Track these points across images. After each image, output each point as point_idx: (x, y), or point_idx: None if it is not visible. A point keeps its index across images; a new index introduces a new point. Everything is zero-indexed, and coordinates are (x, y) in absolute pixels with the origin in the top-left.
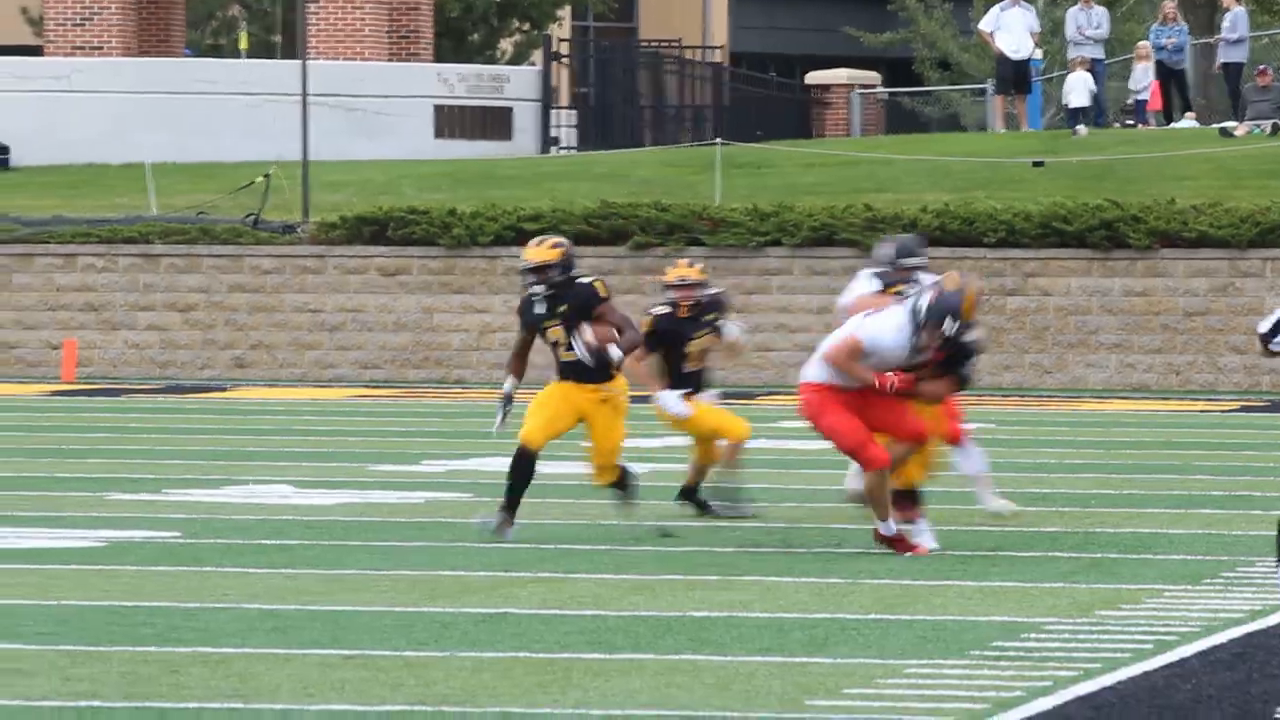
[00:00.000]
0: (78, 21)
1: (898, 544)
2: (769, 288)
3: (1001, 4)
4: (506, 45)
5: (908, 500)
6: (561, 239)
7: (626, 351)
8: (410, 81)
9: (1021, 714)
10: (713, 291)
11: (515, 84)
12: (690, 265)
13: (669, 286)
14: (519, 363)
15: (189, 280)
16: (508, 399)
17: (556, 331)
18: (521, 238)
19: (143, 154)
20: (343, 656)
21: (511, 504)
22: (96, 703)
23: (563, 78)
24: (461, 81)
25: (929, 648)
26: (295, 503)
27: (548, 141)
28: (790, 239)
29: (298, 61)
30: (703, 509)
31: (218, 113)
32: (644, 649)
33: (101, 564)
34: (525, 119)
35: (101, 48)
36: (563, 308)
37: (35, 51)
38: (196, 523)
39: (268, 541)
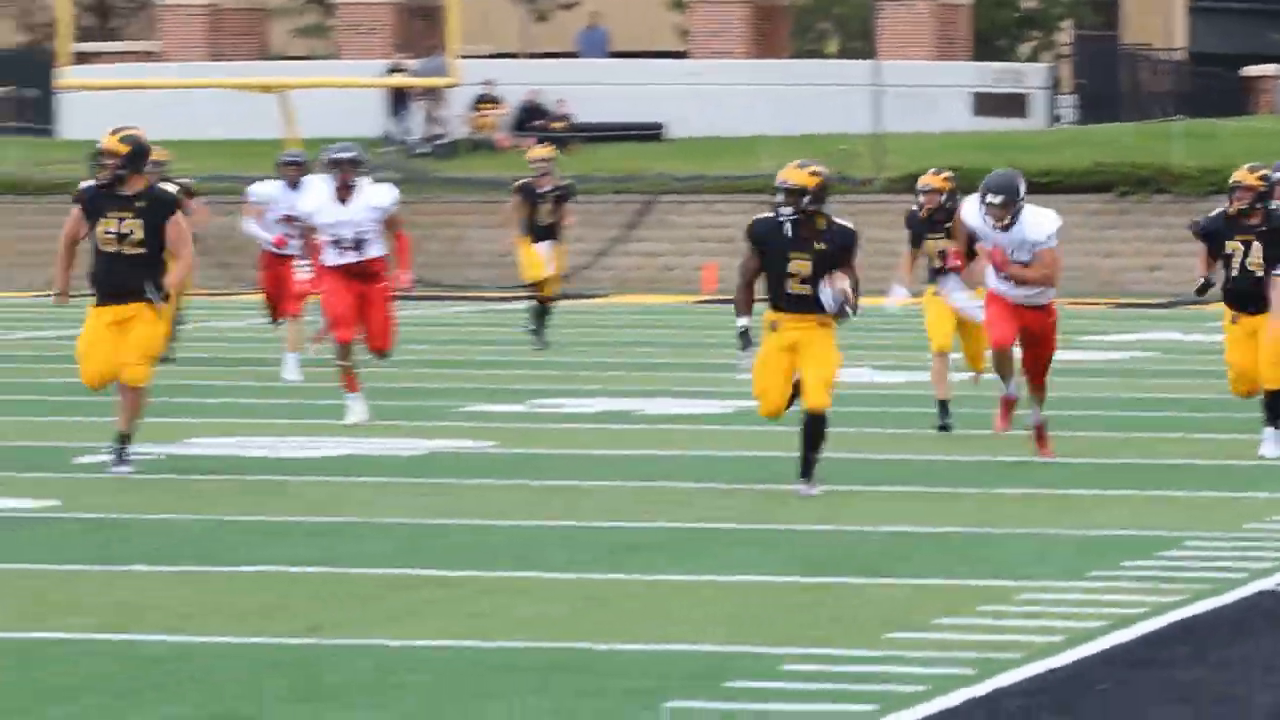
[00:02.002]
0: (715, 32)
1: None
2: None
3: None
4: (1024, 48)
5: None
6: (821, 167)
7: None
8: (954, 74)
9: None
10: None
11: (1030, 77)
12: (937, 174)
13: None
14: (749, 294)
15: None
16: (746, 336)
17: (802, 265)
18: (1038, 190)
19: (758, 129)
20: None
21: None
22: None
23: (1064, 71)
24: (991, 74)
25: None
26: None
27: (1053, 119)
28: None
29: (872, 61)
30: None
31: (814, 98)
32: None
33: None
34: (1037, 102)
35: (730, 51)
36: (820, 245)
37: (682, 55)
38: None
39: None
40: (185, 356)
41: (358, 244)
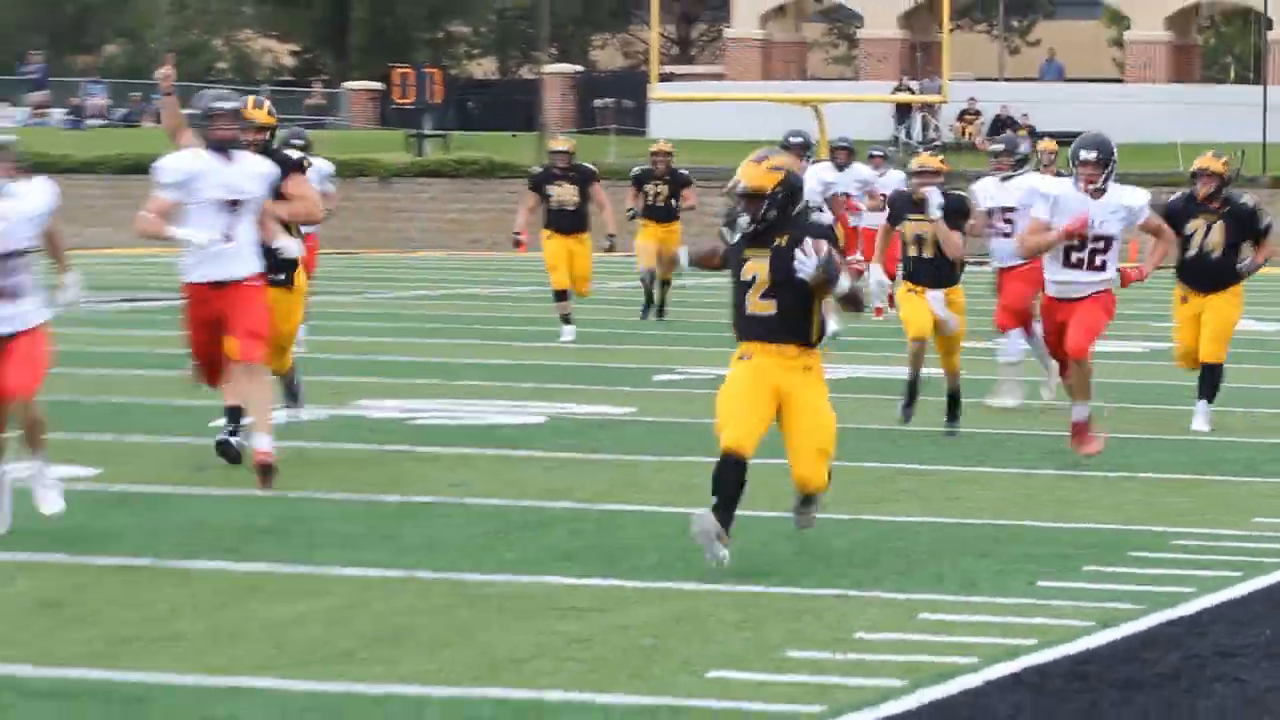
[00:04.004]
0: (1144, 63)
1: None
2: None
3: None
4: None
5: None
6: (784, 161)
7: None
8: None
9: None
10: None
11: None
12: (933, 155)
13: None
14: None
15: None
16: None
17: (757, 266)
18: None
19: (1174, 137)
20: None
21: (725, 515)
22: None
23: None
24: None
25: None
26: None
27: None
28: None
29: (1261, 86)
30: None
31: (1217, 114)
32: None
33: None
34: None
35: (1154, 78)
36: (781, 241)
37: (1119, 80)
38: None
39: None
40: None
41: None
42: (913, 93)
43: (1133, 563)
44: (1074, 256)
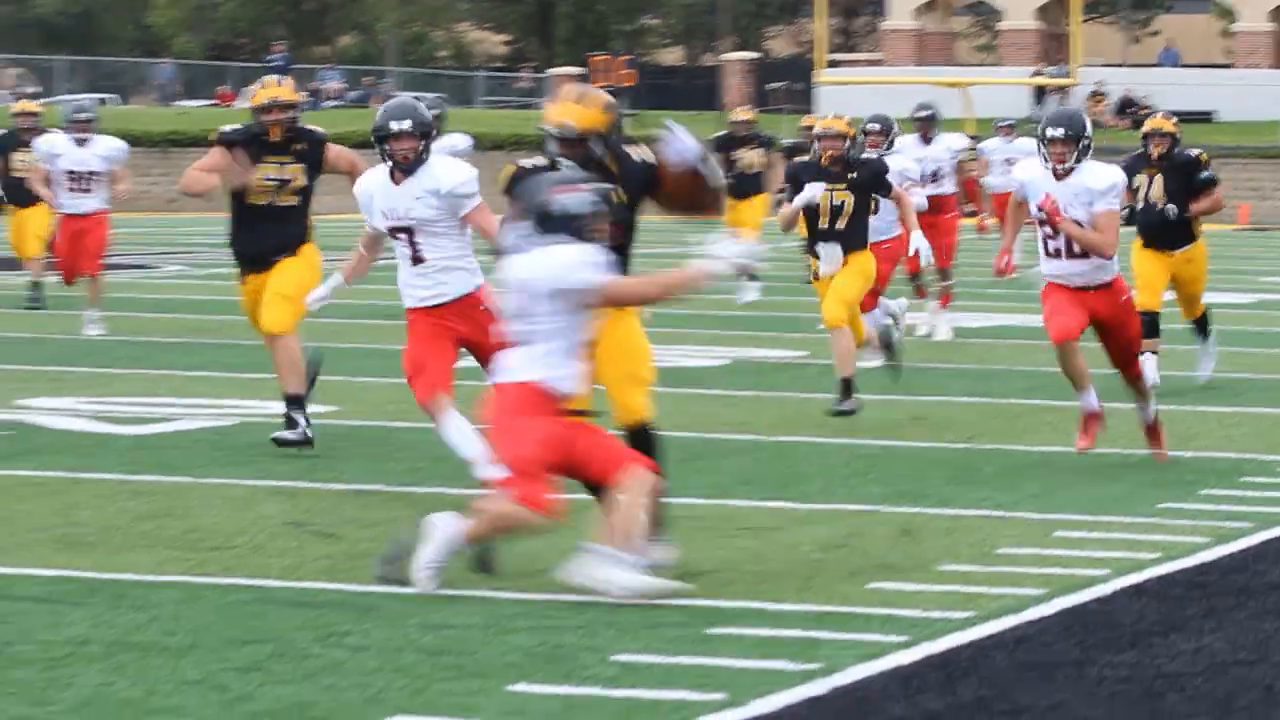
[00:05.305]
0: (1251, 50)
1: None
2: None
3: None
4: None
5: None
6: (607, 95)
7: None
8: None
9: None
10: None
11: None
12: (838, 118)
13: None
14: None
15: None
16: None
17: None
18: None
19: (1278, 115)
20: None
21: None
22: None
23: None
24: None
25: None
26: None
27: None
28: None
29: None
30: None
31: None
32: None
33: None
34: None
35: (1259, 64)
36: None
37: (1228, 66)
38: None
39: None
40: None
41: (934, 178)
42: (1047, 77)
43: (1244, 486)
44: (1051, 246)
